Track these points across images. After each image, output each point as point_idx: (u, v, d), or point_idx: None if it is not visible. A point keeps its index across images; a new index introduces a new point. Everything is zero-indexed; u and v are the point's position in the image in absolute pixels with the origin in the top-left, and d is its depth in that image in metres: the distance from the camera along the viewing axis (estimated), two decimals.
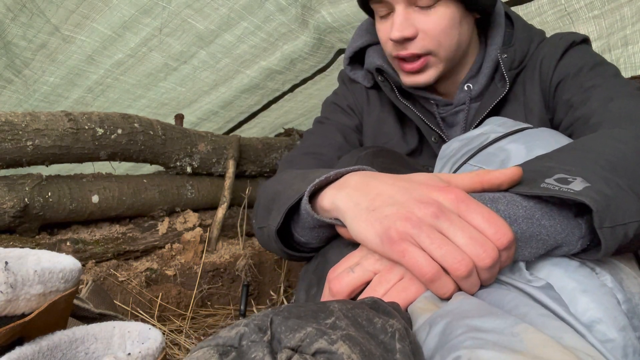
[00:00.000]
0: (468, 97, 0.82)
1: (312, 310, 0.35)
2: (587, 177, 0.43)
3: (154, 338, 0.48)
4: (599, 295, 0.40)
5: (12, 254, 0.50)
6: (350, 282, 0.44)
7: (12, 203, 1.07)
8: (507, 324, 0.34)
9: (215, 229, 1.48)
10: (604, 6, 1.41)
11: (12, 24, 1.33)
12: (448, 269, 0.39)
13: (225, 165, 1.60)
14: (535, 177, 0.44)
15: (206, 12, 1.46)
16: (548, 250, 0.43)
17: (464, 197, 0.42)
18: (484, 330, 0.34)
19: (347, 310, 0.35)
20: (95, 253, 1.23)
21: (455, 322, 0.36)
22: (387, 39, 0.78)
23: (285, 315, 0.33)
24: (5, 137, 1.06)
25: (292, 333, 0.31)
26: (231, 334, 0.32)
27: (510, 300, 0.39)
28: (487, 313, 0.36)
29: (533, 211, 0.43)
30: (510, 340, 0.32)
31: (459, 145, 0.63)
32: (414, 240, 0.40)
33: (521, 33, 0.81)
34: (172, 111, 1.85)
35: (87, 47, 1.48)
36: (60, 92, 1.63)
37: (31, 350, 0.43)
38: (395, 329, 0.35)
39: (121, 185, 1.32)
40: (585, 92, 0.70)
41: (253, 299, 1.46)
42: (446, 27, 0.73)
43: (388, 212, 0.42)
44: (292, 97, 2.09)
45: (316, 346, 0.30)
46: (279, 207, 0.57)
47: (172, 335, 1.15)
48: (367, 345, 0.32)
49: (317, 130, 0.91)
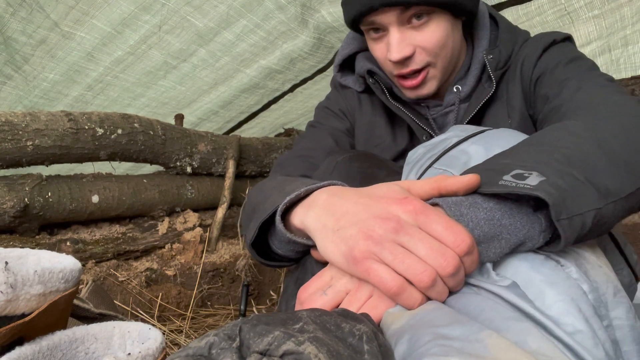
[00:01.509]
0: (457, 98, 0.84)
1: (281, 318, 0.36)
2: (542, 170, 0.43)
3: (154, 338, 0.48)
4: (564, 288, 0.41)
5: (12, 254, 0.50)
6: (325, 304, 0.46)
7: (12, 203, 1.07)
8: (472, 331, 0.36)
9: (215, 229, 1.48)
10: (604, 6, 1.41)
11: (12, 19, 1.32)
12: (412, 281, 0.41)
13: (225, 165, 1.60)
14: (493, 176, 0.45)
15: (205, 9, 1.46)
16: (512, 248, 0.44)
17: (422, 208, 0.43)
18: (450, 338, 0.35)
19: (316, 317, 0.37)
20: (95, 253, 1.23)
21: (423, 330, 0.37)
22: (385, 59, 0.79)
23: (254, 323, 0.34)
24: (5, 137, 1.06)
25: (260, 338, 0.32)
26: (201, 344, 0.33)
27: (477, 305, 0.40)
28: (454, 321, 0.37)
29: (493, 212, 0.44)
30: (475, 347, 0.34)
31: (424, 150, 0.65)
32: (377, 257, 0.42)
33: (506, 34, 0.82)
34: (172, 111, 1.85)
35: (86, 43, 1.48)
36: (60, 89, 1.63)
37: (31, 350, 0.43)
38: (362, 332, 0.36)
39: (121, 185, 1.32)
40: (559, 84, 0.72)
41: (253, 299, 1.46)
42: (441, 38, 0.75)
43: (352, 231, 0.44)
44: (292, 97, 2.09)
45: (284, 348, 0.31)
46: (255, 220, 0.59)
47: (172, 335, 1.15)
48: (334, 347, 0.32)
49: (308, 134, 0.93)
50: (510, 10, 1.49)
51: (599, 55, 1.59)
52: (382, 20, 0.74)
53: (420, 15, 0.73)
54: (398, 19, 0.73)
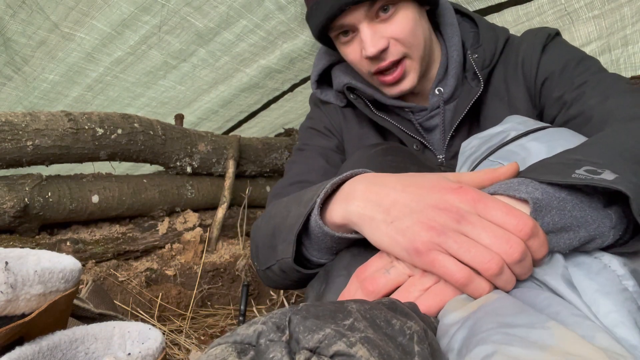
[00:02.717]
0: (441, 100, 0.84)
1: (331, 310, 0.34)
2: (614, 169, 0.43)
3: (154, 338, 0.48)
4: (620, 300, 0.39)
5: (12, 254, 0.50)
6: (387, 283, 0.45)
7: (12, 203, 1.07)
8: (539, 320, 0.34)
9: (215, 229, 1.48)
10: (604, 6, 1.41)
11: (12, 21, 1.32)
12: (479, 270, 0.40)
13: (225, 165, 1.60)
14: (565, 169, 0.44)
15: (205, 9, 1.46)
16: (582, 242, 0.43)
17: (479, 196, 0.42)
18: (513, 326, 0.34)
19: (366, 311, 0.35)
20: (95, 253, 1.23)
21: (487, 318, 0.36)
22: (360, 59, 0.79)
23: (304, 315, 0.33)
24: (5, 137, 1.06)
25: (311, 334, 0.31)
26: (249, 332, 0.32)
27: (544, 299, 0.39)
28: (519, 311, 0.36)
29: (565, 202, 0.43)
30: (540, 335, 0.32)
31: (479, 142, 0.63)
32: (442, 247, 0.41)
33: (486, 32, 0.83)
34: (172, 110, 1.85)
35: (86, 44, 1.48)
36: (60, 89, 1.63)
37: (31, 350, 0.43)
38: (413, 331, 0.35)
39: (121, 185, 1.32)
40: (577, 89, 0.72)
41: (253, 299, 1.46)
42: (411, 27, 0.76)
43: (408, 222, 0.43)
44: (292, 96, 2.09)
45: (335, 348, 0.30)
46: (285, 238, 0.57)
47: (172, 335, 1.15)
48: (385, 348, 0.31)
49: (298, 159, 0.91)
50: (510, 10, 1.49)
51: (599, 55, 1.59)
52: (351, 21, 0.75)
53: (386, 8, 0.74)
54: (366, 15, 0.74)
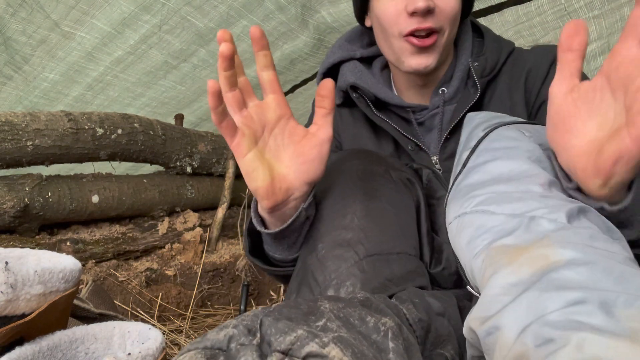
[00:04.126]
0: (442, 100, 0.85)
1: (303, 311, 0.34)
2: None
3: (154, 338, 0.48)
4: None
5: (12, 254, 0.50)
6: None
7: (12, 203, 1.07)
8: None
9: (215, 229, 1.48)
10: (604, 6, 1.41)
11: (12, 19, 1.32)
12: None
13: (225, 165, 1.60)
14: None
15: (205, 9, 1.46)
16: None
17: None
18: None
19: (339, 310, 0.35)
20: (95, 253, 1.23)
21: (547, 293, 0.34)
22: (398, 14, 0.78)
23: (276, 317, 0.32)
24: (5, 137, 1.06)
25: (283, 336, 0.31)
26: (219, 337, 0.31)
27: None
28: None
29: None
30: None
31: (489, 116, 0.69)
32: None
33: (491, 43, 0.86)
34: (172, 110, 1.85)
35: (86, 43, 1.48)
36: (60, 89, 1.63)
37: (31, 350, 0.43)
38: (388, 327, 0.35)
39: (121, 185, 1.32)
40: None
41: (253, 299, 1.46)
42: (456, 8, 0.78)
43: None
44: (293, 97, 2.09)
45: (307, 350, 0.30)
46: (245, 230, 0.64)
47: (172, 335, 1.15)
48: (359, 347, 0.31)
49: None
50: (510, 10, 1.49)
51: (599, 55, 1.59)
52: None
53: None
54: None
